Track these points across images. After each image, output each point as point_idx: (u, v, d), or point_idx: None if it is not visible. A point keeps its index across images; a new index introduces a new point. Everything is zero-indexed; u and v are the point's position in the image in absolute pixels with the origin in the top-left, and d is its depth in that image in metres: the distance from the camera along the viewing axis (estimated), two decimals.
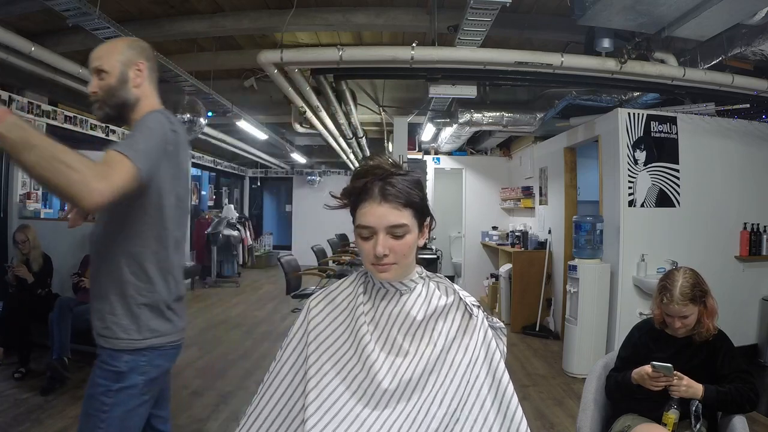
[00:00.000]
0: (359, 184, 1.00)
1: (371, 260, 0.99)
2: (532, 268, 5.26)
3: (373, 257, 0.98)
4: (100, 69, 1.38)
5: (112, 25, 2.91)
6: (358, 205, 1.00)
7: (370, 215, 0.97)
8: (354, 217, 1.01)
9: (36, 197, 4.56)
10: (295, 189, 11.94)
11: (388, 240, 0.98)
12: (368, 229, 0.98)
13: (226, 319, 5.63)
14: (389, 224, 0.97)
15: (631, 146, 3.83)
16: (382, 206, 0.97)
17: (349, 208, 1.03)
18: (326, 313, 1.06)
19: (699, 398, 1.62)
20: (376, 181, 0.99)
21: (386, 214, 0.97)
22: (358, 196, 1.00)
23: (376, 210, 0.97)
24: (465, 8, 2.72)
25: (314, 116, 5.16)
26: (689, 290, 1.70)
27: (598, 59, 3.33)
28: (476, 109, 4.85)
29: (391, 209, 0.97)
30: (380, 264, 0.98)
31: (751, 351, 4.04)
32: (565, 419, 2.97)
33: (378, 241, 0.97)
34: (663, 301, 1.74)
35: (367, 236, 0.98)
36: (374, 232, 0.97)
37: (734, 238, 4.07)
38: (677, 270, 1.81)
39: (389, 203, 0.97)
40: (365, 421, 0.93)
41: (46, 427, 2.70)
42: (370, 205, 0.98)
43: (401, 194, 0.98)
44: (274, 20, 3.51)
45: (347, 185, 1.03)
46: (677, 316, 1.72)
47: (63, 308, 3.33)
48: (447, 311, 1.04)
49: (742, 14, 2.63)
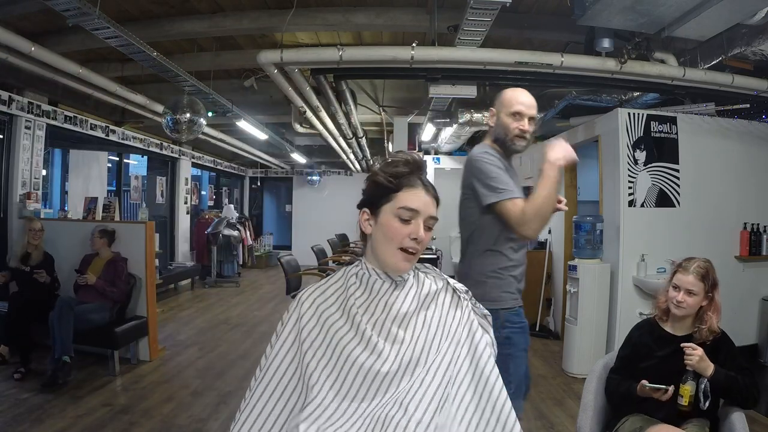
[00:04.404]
0: (405, 170, 1.06)
1: (405, 243, 1.02)
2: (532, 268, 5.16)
3: (409, 239, 1.02)
4: (533, 117, 1.73)
5: (112, 25, 2.91)
6: (402, 187, 1.04)
7: (418, 200, 1.04)
8: (389, 198, 1.05)
9: (36, 197, 4.56)
10: (295, 189, 11.93)
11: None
12: (412, 213, 1.03)
13: (226, 319, 5.63)
14: (430, 214, 1.05)
15: (631, 146, 3.83)
16: (427, 196, 1.05)
17: (377, 191, 1.06)
18: (318, 305, 1.06)
19: (708, 376, 1.65)
20: (417, 171, 1.06)
21: (430, 204, 1.05)
22: (400, 180, 1.05)
23: (423, 197, 1.04)
24: (465, 8, 2.72)
25: (314, 116, 5.16)
26: (704, 269, 1.78)
27: (598, 59, 3.33)
28: (476, 109, 4.85)
29: (432, 201, 1.06)
30: (411, 247, 1.03)
31: (751, 351, 4.03)
32: (565, 419, 2.96)
33: (419, 224, 1.03)
34: (678, 268, 1.81)
35: (407, 219, 1.03)
36: (416, 216, 1.03)
37: (734, 238, 4.07)
38: (697, 257, 1.87)
39: (431, 195, 1.06)
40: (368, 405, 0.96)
41: (46, 427, 2.70)
42: (418, 191, 1.05)
43: (435, 191, 1.08)
44: (274, 20, 3.52)
45: (387, 169, 1.06)
46: (684, 289, 1.75)
47: (63, 308, 3.33)
48: (437, 295, 1.10)
49: (742, 14, 2.63)
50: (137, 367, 3.83)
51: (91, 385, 3.37)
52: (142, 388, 3.40)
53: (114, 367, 3.62)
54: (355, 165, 9.78)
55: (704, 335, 1.74)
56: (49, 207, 5.83)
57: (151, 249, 4.12)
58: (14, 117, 4.45)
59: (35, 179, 4.66)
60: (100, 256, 3.83)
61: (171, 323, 5.33)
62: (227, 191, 11.26)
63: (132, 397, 3.22)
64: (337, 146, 7.22)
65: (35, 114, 4.62)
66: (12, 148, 4.47)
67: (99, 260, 3.81)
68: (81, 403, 3.06)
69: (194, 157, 8.60)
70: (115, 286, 3.72)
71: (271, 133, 6.54)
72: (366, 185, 1.12)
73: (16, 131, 4.48)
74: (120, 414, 2.94)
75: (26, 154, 4.55)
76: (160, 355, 4.11)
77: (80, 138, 5.57)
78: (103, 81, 4.34)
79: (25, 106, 4.50)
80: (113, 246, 3.91)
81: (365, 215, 1.09)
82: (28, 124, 4.57)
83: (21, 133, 4.49)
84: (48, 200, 6.16)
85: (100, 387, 3.37)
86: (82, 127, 5.35)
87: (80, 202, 5.20)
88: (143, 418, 2.90)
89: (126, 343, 3.83)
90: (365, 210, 1.09)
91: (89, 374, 3.58)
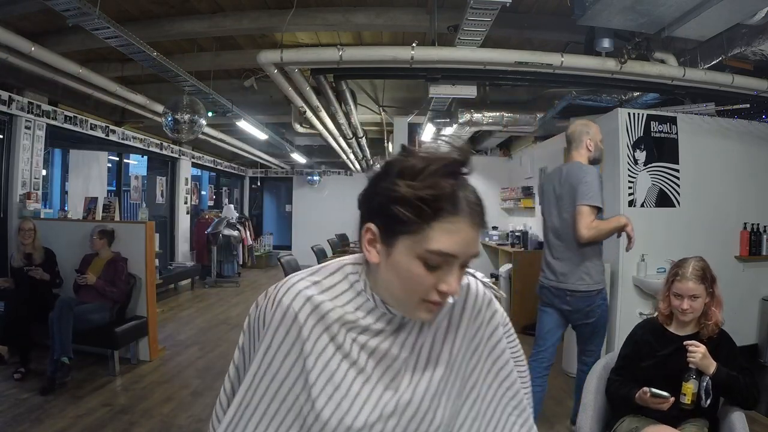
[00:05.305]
0: (447, 185, 0.66)
1: (430, 296, 0.70)
2: (532, 268, 5.21)
3: (435, 293, 0.70)
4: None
5: (112, 25, 2.90)
6: (437, 218, 0.66)
7: (459, 239, 0.67)
8: (412, 231, 0.67)
9: (36, 197, 4.56)
10: (295, 189, 11.93)
11: None
12: (445, 258, 0.68)
13: (226, 319, 5.63)
14: (472, 255, 0.71)
15: (631, 146, 3.83)
16: (474, 230, 0.68)
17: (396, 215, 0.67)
18: (322, 315, 0.75)
19: (710, 374, 1.65)
20: (461, 188, 0.68)
21: (475, 242, 0.69)
22: (438, 205, 0.66)
23: (468, 234, 0.68)
24: (465, 8, 2.72)
25: (314, 116, 5.16)
26: (701, 270, 1.77)
27: (598, 59, 3.33)
28: (476, 109, 4.85)
29: (478, 234, 0.70)
30: (439, 301, 0.71)
31: (751, 351, 4.03)
32: (565, 419, 2.96)
33: (454, 273, 0.70)
34: (675, 278, 1.78)
35: (436, 266, 0.68)
36: (451, 263, 0.69)
37: (734, 238, 4.07)
38: (688, 257, 1.86)
39: (479, 227, 0.69)
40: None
41: (46, 427, 2.70)
42: (461, 223, 0.67)
43: (484, 214, 0.71)
44: (274, 20, 3.51)
45: (417, 182, 0.66)
46: (687, 296, 1.74)
47: (63, 308, 3.33)
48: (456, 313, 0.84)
49: (742, 14, 2.63)
50: (137, 367, 3.83)
51: (91, 385, 3.37)
52: (142, 388, 3.40)
53: (114, 367, 3.62)
54: (355, 165, 9.77)
55: (710, 330, 1.75)
56: (49, 207, 5.83)
57: (151, 249, 4.12)
58: (14, 117, 4.45)
59: (35, 179, 4.66)
60: (100, 256, 3.83)
61: (171, 323, 5.33)
62: (227, 191, 11.26)
63: (132, 397, 3.22)
64: (337, 146, 7.21)
65: (35, 114, 4.62)
66: (12, 148, 4.47)
67: (99, 260, 3.82)
68: (81, 403, 3.06)
69: (194, 157, 8.60)
70: (115, 286, 3.73)
71: (271, 133, 6.54)
72: (374, 189, 0.71)
73: (16, 131, 4.48)
74: (120, 414, 2.94)
75: (26, 154, 4.55)
76: (160, 355, 4.11)
77: (80, 138, 5.57)
78: (103, 81, 4.34)
79: (25, 106, 4.50)
80: (113, 246, 3.91)
81: (370, 234, 0.72)
82: (28, 124, 4.57)
83: (21, 133, 4.49)
84: (48, 200, 6.17)
85: (100, 387, 3.37)
86: (82, 127, 5.35)
87: (80, 202, 5.20)
88: (143, 418, 2.90)
89: (126, 343, 3.83)
90: (371, 228, 0.71)
91: (89, 374, 3.58)
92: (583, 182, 2.33)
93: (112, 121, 5.97)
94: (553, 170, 2.66)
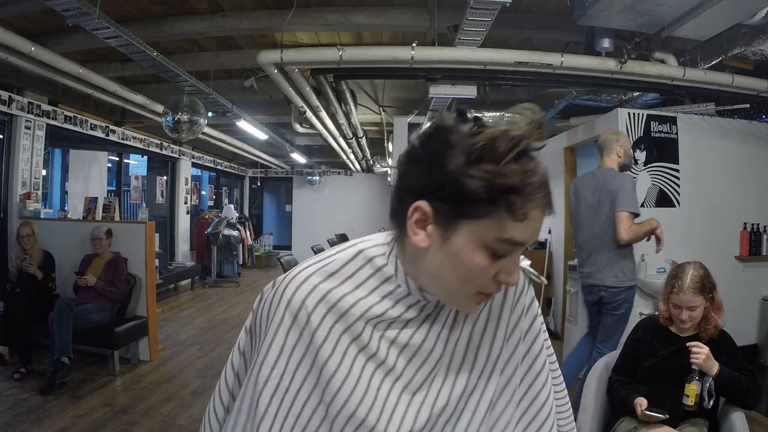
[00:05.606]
0: (531, 176, 0.58)
1: (487, 288, 0.63)
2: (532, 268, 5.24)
3: (493, 283, 0.63)
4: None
5: (112, 25, 2.90)
6: (522, 204, 0.58)
7: (534, 228, 0.61)
8: (481, 215, 0.58)
9: (36, 197, 4.56)
10: (295, 189, 11.93)
11: None
12: (513, 247, 0.61)
13: (226, 319, 5.63)
14: (534, 242, 0.69)
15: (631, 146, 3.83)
16: (543, 216, 0.62)
17: (462, 195, 0.58)
18: (340, 315, 0.65)
19: (713, 375, 1.65)
20: (539, 170, 0.60)
21: (541, 228, 0.63)
22: (521, 189, 0.58)
23: (540, 221, 0.61)
24: (465, 8, 2.72)
25: (314, 116, 5.16)
26: (699, 281, 1.75)
27: (598, 59, 3.33)
28: (476, 109, 4.85)
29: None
30: (494, 291, 0.65)
31: (751, 351, 4.03)
32: None
33: (516, 261, 0.64)
34: (673, 289, 1.76)
35: (502, 255, 0.61)
36: (516, 250, 0.62)
37: (734, 238, 4.06)
38: (687, 263, 1.84)
39: (549, 212, 0.62)
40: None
41: (46, 427, 2.70)
42: (536, 213, 0.60)
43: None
44: (274, 20, 3.51)
45: (492, 166, 0.57)
46: (685, 307, 1.74)
47: (63, 308, 3.33)
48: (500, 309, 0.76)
49: (742, 14, 2.63)
50: (137, 367, 3.83)
51: (91, 385, 3.37)
52: (142, 388, 3.40)
53: (114, 367, 3.62)
54: (355, 165, 9.78)
55: (710, 333, 1.75)
56: (49, 207, 5.84)
57: (151, 249, 4.12)
58: (14, 117, 4.45)
59: (35, 179, 4.66)
60: (101, 256, 3.83)
61: (171, 323, 5.33)
62: (227, 191, 11.26)
63: (132, 397, 3.22)
64: (337, 146, 7.21)
65: (35, 114, 4.62)
66: (12, 148, 4.47)
67: (99, 260, 3.81)
68: (81, 403, 3.06)
69: (194, 157, 8.60)
70: (115, 286, 3.72)
71: (271, 133, 6.54)
72: (433, 163, 0.60)
73: (16, 131, 4.47)
74: (120, 414, 2.94)
75: (26, 154, 4.55)
76: (160, 355, 4.11)
77: (80, 138, 5.57)
78: (103, 81, 4.34)
79: (25, 106, 4.50)
80: (112, 246, 3.91)
81: (419, 214, 0.61)
82: (28, 124, 4.57)
83: (21, 133, 4.49)
84: (48, 200, 6.17)
85: (100, 387, 3.37)
86: (82, 127, 5.34)
87: (80, 202, 5.20)
88: (143, 418, 2.90)
89: (126, 343, 3.83)
90: (422, 206, 0.60)
91: (89, 374, 3.57)
92: (623, 190, 2.58)
93: (112, 121, 5.97)
94: (585, 175, 2.88)
